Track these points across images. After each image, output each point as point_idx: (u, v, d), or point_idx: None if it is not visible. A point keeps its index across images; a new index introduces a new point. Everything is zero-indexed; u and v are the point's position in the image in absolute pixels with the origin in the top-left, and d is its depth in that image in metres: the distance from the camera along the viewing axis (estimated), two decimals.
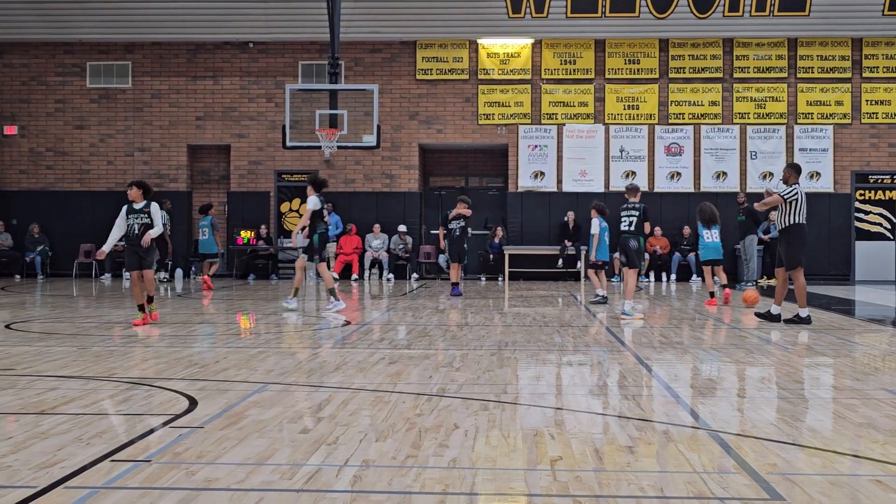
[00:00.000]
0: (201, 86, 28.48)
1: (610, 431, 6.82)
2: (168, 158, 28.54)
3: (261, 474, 5.51)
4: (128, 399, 7.94)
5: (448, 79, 28.15)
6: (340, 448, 6.16)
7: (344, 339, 12.59)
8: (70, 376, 9.13)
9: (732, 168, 27.84)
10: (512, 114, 28.03)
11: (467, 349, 11.46)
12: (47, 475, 5.43)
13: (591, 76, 28.01)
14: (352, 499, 5.03)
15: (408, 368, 9.83)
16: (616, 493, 5.20)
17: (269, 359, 10.65)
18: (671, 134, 27.93)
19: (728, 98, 27.93)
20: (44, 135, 28.69)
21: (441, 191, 29.80)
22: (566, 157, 27.97)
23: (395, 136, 28.11)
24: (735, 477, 5.52)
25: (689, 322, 15.52)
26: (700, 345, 12.20)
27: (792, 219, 14.60)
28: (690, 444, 6.41)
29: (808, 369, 10.19)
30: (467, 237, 21.15)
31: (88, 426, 6.79)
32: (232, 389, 8.48)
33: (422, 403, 7.77)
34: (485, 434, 6.61)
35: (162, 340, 12.28)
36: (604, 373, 9.86)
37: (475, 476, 5.53)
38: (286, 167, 28.33)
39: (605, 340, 12.56)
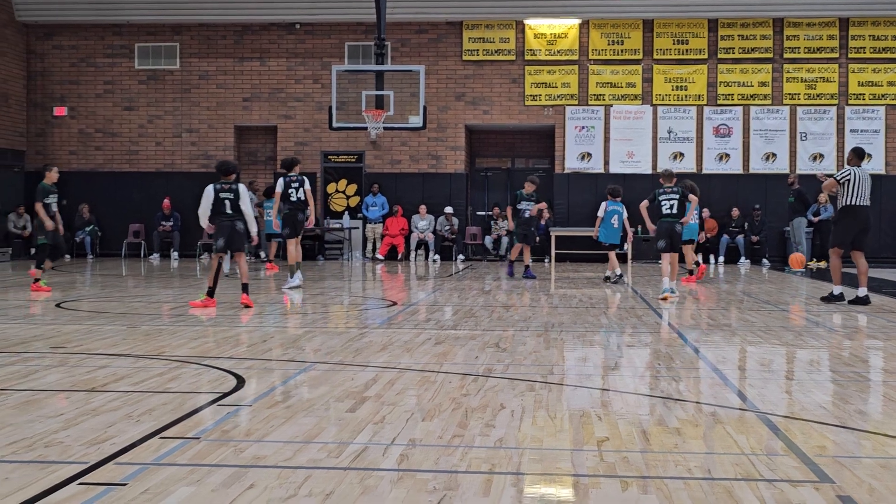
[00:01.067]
0: (248, 67, 28.59)
1: (657, 413, 6.79)
2: (215, 139, 28.69)
3: (308, 452, 5.53)
4: (177, 377, 8.00)
5: (494, 59, 28.05)
6: (387, 427, 6.17)
7: (390, 320, 12.62)
8: (120, 354, 9.22)
9: (782, 149, 27.55)
10: (559, 95, 27.90)
11: (514, 330, 11.45)
12: (98, 451, 5.48)
13: (639, 57, 27.81)
14: (398, 477, 5.04)
15: (454, 349, 9.84)
16: (663, 473, 5.17)
17: (316, 338, 10.70)
18: (720, 115, 27.68)
19: (778, 79, 27.62)
20: (93, 116, 28.93)
21: (487, 172, 29.75)
22: (613, 138, 27.81)
23: (442, 117, 28.08)
24: (783, 459, 5.48)
25: (737, 304, 15.41)
26: (748, 327, 12.11)
27: (843, 200, 14.82)
28: (738, 425, 6.36)
29: (858, 352, 10.08)
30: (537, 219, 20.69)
31: (138, 403, 6.85)
32: (279, 368, 8.53)
33: (468, 384, 7.77)
34: (531, 414, 6.60)
35: (210, 320, 12.37)
36: (651, 354, 9.82)
37: (521, 456, 5.53)
38: (332, 148, 28.39)
39: (652, 322, 12.50)
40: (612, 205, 19.60)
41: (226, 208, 13.92)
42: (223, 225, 13.93)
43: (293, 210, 17.48)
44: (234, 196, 13.94)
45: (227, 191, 13.95)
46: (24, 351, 9.42)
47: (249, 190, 15.46)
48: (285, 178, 17.49)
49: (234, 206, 13.94)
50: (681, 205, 16.35)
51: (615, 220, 19.58)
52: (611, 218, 19.55)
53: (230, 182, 14.08)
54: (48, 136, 28.99)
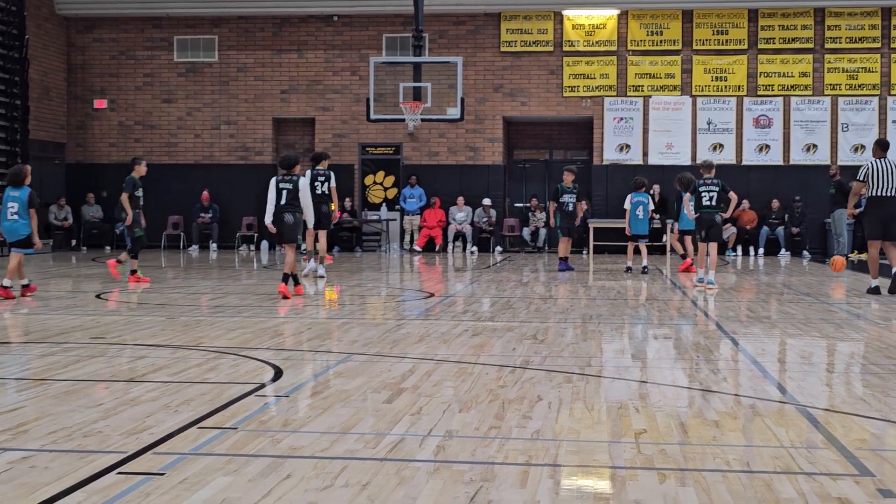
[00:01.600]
0: (286, 59, 28.66)
1: (695, 405, 6.74)
2: (253, 131, 28.79)
3: (345, 443, 5.54)
4: (214, 368, 8.04)
5: (532, 51, 27.97)
6: (424, 418, 6.17)
7: (427, 311, 12.62)
8: (158, 345, 9.27)
9: (823, 140, 27.30)
10: (597, 86, 27.78)
11: (551, 322, 11.42)
12: (136, 441, 5.51)
13: (679, 47, 27.64)
14: (435, 468, 5.04)
15: (491, 340, 9.83)
16: (701, 466, 5.13)
17: (353, 329, 10.71)
18: (760, 106, 27.46)
19: (819, 69, 27.36)
20: (132, 108, 29.11)
21: (525, 164, 29.68)
22: (652, 129, 27.67)
23: (479, 108, 28.03)
24: (823, 452, 5.42)
25: (777, 296, 15.29)
26: (788, 319, 12.01)
27: (869, 192, 15.12)
28: (777, 418, 6.31)
29: None
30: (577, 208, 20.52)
31: (176, 394, 6.89)
32: (316, 359, 8.55)
33: (505, 375, 7.75)
34: (568, 406, 6.58)
35: (248, 311, 12.41)
36: (689, 346, 9.76)
37: (558, 448, 5.51)
38: (370, 140, 28.42)
39: (690, 314, 12.43)
40: (636, 196, 19.95)
41: (282, 199, 14.16)
42: (277, 216, 14.19)
43: (317, 203, 17.35)
44: (292, 187, 14.18)
45: (286, 181, 14.24)
46: (64, 341, 9.50)
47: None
48: (313, 172, 17.71)
49: (292, 198, 14.17)
50: (720, 197, 16.39)
51: (640, 211, 19.89)
52: (636, 209, 19.89)
53: (291, 174, 14.35)
54: (88, 128, 29.22)
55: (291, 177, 14.30)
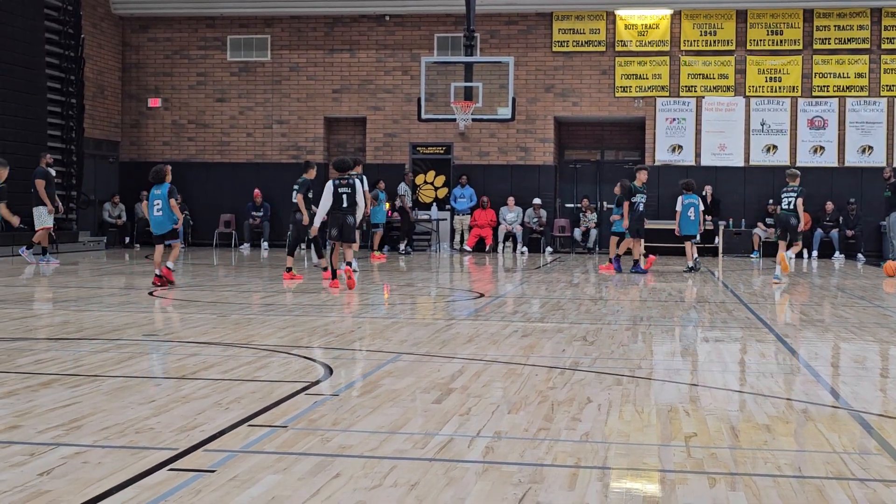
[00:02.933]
0: (338, 59, 28.78)
1: (746, 409, 6.69)
2: (305, 131, 28.95)
3: (394, 443, 5.55)
4: (265, 366, 8.08)
5: (584, 51, 27.88)
6: (473, 419, 6.16)
7: (477, 312, 12.61)
8: (210, 343, 9.34)
9: (879, 142, 26.98)
10: (649, 86, 27.63)
11: (601, 323, 11.38)
12: (187, 438, 5.56)
13: (732, 48, 27.42)
14: (483, 469, 5.03)
15: (541, 341, 9.80)
16: (752, 471, 5.09)
17: (403, 329, 10.73)
18: (815, 107, 27.18)
19: (875, 70, 27.04)
20: (186, 107, 29.37)
21: (576, 164, 29.58)
22: (705, 130, 27.47)
23: (530, 108, 27.99)
24: (876, 458, 5.36)
25: (830, 299, 15.13)
26: (842, 323, 11.88)
27: None
28: (830, 423, 6.24)
29: None
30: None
31: (227, 391, 6.93)
32: (366, 359, 8.57)
33: (554, 377, 7.73)
34: (618, 409, 6.55)
35: (299, 310, 12.48)
36: (741, 350, 9.68)
37: (608, 450, 5.48)
38: (421, 139, 28.47)
39: (742, 317, 12.33)
40: (688, 198, 20.42)
41: (342, 202, 14.85)
42: (336, 216, 14.88)
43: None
44: (351, 191, 14.87)
45: (345, 186, 14.88)
46: (117, 338, 9.59)
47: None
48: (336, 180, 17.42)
49: (351, 201, 14.88)
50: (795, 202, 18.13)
51: (692, 212, 20.35)
52: (688, 211, 20.36)
53: (348, 177, 15.01)
54: (142, 127, 29.51)
55: (349, 180, 14.94)
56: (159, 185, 15.46)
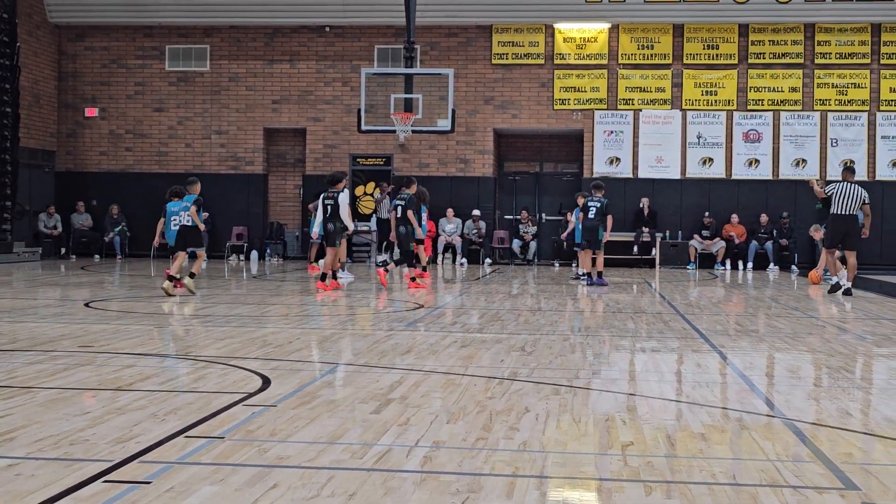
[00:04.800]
0: (278, 69, 28.68)
1: (683, 418, 6.76)
2: (244, 141, 28.80)
3: (332, 453, 5.54)
4: (203, 377, 8.03)
5: (524, 63, 28.04)
6: (411, 429, 6.17)
7: (416, 322, 12.62)
8: (146, 354, 9.26)
9: (812, 155, 27.39)
10: (588, 99, 27.84)
11: (540, 334, 11.43)
12: (123, 449, 5.51)
13: (669, 61, 27.73)
14: (421, 479, 5.04)
15: (480, 352, 9.83)
16: (688, 479, 5.14)
17: (342, 340, 10.71)
18: (750, 120, 27.55)
19: (809, 84, 27.47)
20: (123, 117, 29.10)
21: (515, 176, 29.71)
22: (642, 142, 27.74)
23: (470, 120, 28.08)
24: (809, 466, 5.44)
25: (765, 310, 15.33)
26: (776, 333, 12.04)
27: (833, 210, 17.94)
28: (764, 432, 6.33)
29: (885, 359, 10.01)
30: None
31: (164, 403, 6.88)
32: (305, 370, 8.54)
33: (493, 387, 7.76)
34: (556, 418, 6.58)
35: (237, 320, 12.40)
36: (677, 360, 9.78)
37: (545, 459, 5.52)
38: (361, 151, 28.44)
39: (679, 328, 12.45)
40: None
41: (327, 213, 17.27)
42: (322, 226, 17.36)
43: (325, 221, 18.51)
44: (333, 202, 17.25)
45: (330, 198, 17.34)
46: (52, 349, 9.48)
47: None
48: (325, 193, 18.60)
49: (333, 211, 17.19)
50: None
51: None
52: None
53: (335, 191, 17.33)
54: (79, 136, 29.19)
55: (335, 194, 17.25)
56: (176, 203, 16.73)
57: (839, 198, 17.87)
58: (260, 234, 28.64)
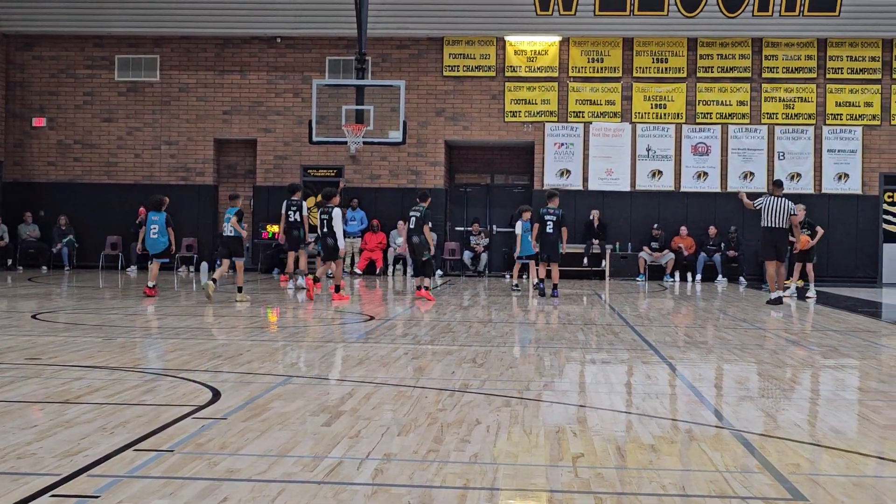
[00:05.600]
0: (228, 80, 28.57)
1: (633, 429, 6.80)
2: (195, 152, 28.64)
3: (282, 466, 5.52)
4: (152, 390, 7.97)
5: (475, 76, 28.13)
6: (362, 441, 6.16)
7: (367, 334, 12.60)
8: (95, 366, 9.17)
9: (760, 168, 27.70)
10: (538, 111, 27.98)
11: (490, 346, 11.46)
12: (71, 463, 5.45)
13: (619, 74, 27.93)
14: (373, 492, 5.03)
15: (431, 364, 9.84)
16: (638, 490, 5.18)
17: (293, 352, 10.68)
18: (698, 133, 27.82)
19: (756, 98, 27.79)
20: (72, 127, 28.84)
21: (466, 188, 29.77)
22: (592, 155, 27.91)
23: (422, 132, 28.12)
24: (758, 476, 5.50)
25: (713, 322, 15.46)
26: (724, 345, 12.15)
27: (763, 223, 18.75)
28: (714, 443, 6.38)
29: (833, 371, 10.13)
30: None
31: (112, 416, 6.82)
32: (255, 382, 8.50)
33: (444, 399, 7.77)
34: (507, 430, 6.60)
35: (187, 332, 12.32)
36: (627, 371, 9.84)
37: (496, 471, 5.53)
38: (312, 162, 28.39)
39: (629, 339, 12.53)
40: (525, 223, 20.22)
41: (323, 226, 17.92)
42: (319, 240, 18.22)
43: (290, 228, 20.95)
44: (328, 217, 17.87)
45: (325, 213, 17.95)
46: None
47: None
48: (287, 201, 20.95)
49: (329, 225, 17.86)
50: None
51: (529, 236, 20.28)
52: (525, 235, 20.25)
53: (329, 206, 17.96)
54: (26, 146, 28.89)
55: (329, 208, 17.89)
56: (157, 213, 18.54)
57: (767, 211, 18.60)
58: (210, 246, 28.46)
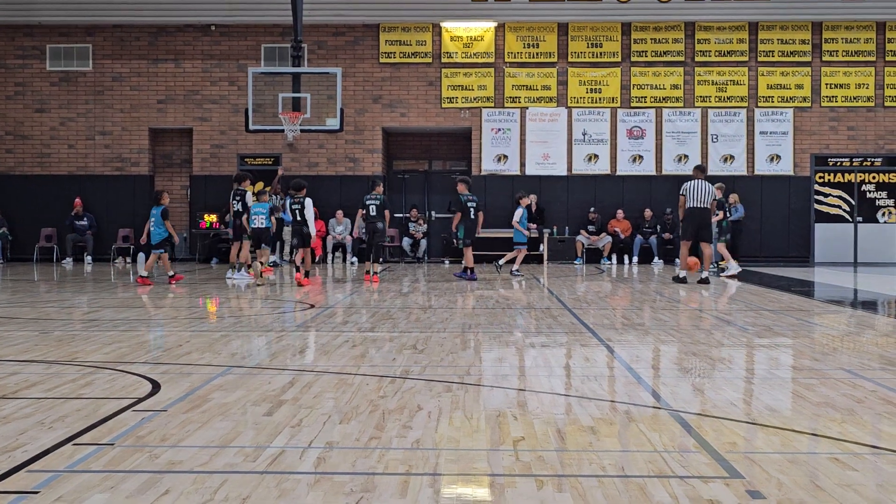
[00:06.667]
0: (163, 69, 28.29)
1: (572, 412, 6.87)
2: (129, 142, 28.34)
3: (224, 457, 5.52)
4: (90, 383, 7.91)
5: (411, 62, 28.10)
6: (304, 430, 6.17)
7: (307, 323, 12.59)
8: (31, 360, 9.09)
9: (694, 151, 27.97)
10: (475, 97, 28.03)
11: (431, 332, 11.50)
12: (9, 459, 5.41)
13: (554, 59, 28.06)
14: (315, 480, 5.05)
15: (371, 351, 9.86)
16: (578, 472, 5.25)
17: (233, 342, 10.65)
18: (633, 117, 28.03)
19: (690, 82, 28.05)
20: (3, 118, 28.40)
21: (405, 174, 29.78)
22: (529, 140, 28.02)
23: (359, 119, 28.06)
24: (695, 456, 5.59)
25: (650, 304, 15.63)
26: (661, 326, 12.30)
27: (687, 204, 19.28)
28: (651, 423, 6.47)
29: (767, 350, 10.30)
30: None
31: (50, 410, 6.77)
32: (195, 373, 8.47)
33: (385, 385, 7.79)
34: (448, 415, 6.65)
35: (125, 325, 12.23)
36: (566, 354, 9.92)
37: (438, 457, 5.57)
38: (249, 151, 28.22)
39: (567, 322, 12.63)
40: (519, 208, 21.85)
41: (296, 216, 19.11)
42: (295, 229, 19.45)
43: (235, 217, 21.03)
44: (300, 207, 19.01)
45: (297, 203, 19.10)
46: None
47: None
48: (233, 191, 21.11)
49: (301, 215, 19.01)
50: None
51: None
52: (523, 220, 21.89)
53: (301, 196, 19.12)
54: None
55: (301, 199, 19.02)
56: (156, 206, 19.43)
57: (692, 194, 19.21)
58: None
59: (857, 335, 11.79)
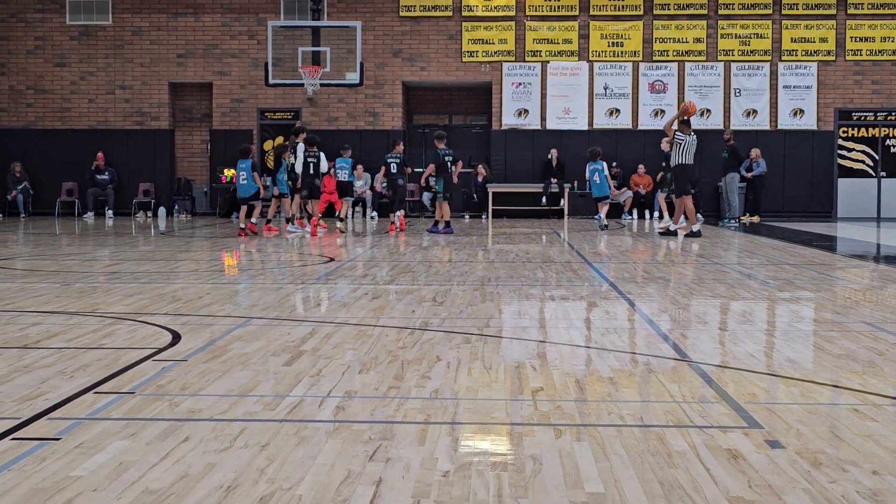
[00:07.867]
0: (182, 22, 28.20)
1: (592, 363, 6.87)
2: (149, 96, 28.32)
3: (244, 405, 5.54)
4: (111, 333, 7.95)
5: (431, 16, 27.93)
6: (323, 380, 6.19)
7: (328, 275, 12.60)
8: (53, 312, 9.13)
9: (716, 105, 27.77)
10: (496, 51, 27.86)
11: (450, 284, 11.49)
12: (31, 407, 5.44)
13: (576, 13, 27.83)
14: (334, 428, 5.06)
15: (391, 303, 9.87)
16: (596, 421, 5.24)
17: (253, 294, 10.67)
18: (655, 71, 27.82)
19: (713, 35, 27.79)
20: (24, 72, 28.41)
21: (424, 129, 29.68)
22: (550, 94, 27.86)
23: (379, 73, 27.94)
24: (715, 406, 5.57)
25: (671, 257, 15.58)
26: (682, 280, 12.25)
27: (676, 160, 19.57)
28: (671, 375, 6.46)
29: (788, 303, 10.25)
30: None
31: (72, 360, 6.80)
32: (215, 324, 8.49)
33: (404, 337, 7.80)
34: (467, 366, 6.65)
35: (146, 277, 12.27)
36: (586, 307, 9.91)
37: (457, 406, 5.57)
38: (269, 105, 28.17)
39: (587, 276, 12.61)
40: (591, 164, 22.31)
41: (309, 169, 20.00)
42: (306, 182, 20.13)
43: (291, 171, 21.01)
44: (317, 160, 20.12)
45: (312, 156, 20.05)
46: None
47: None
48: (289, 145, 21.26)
49: (316, 168, 20.05)
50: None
51: (597, 177, 22.31)
52: (593, 176, 22.39)
53: (315, 151, 20.08)
54: None
55: (314, 152, 20.06)
56: (244, 160, 20.00)
57: (686, 149, 19.42)
58: (167, 191, 28.26)
59: (879, 289, 11.73)
